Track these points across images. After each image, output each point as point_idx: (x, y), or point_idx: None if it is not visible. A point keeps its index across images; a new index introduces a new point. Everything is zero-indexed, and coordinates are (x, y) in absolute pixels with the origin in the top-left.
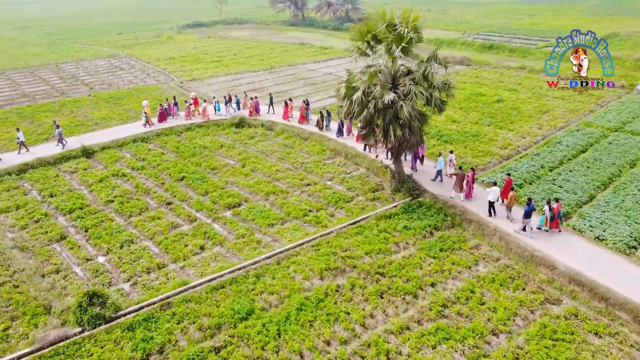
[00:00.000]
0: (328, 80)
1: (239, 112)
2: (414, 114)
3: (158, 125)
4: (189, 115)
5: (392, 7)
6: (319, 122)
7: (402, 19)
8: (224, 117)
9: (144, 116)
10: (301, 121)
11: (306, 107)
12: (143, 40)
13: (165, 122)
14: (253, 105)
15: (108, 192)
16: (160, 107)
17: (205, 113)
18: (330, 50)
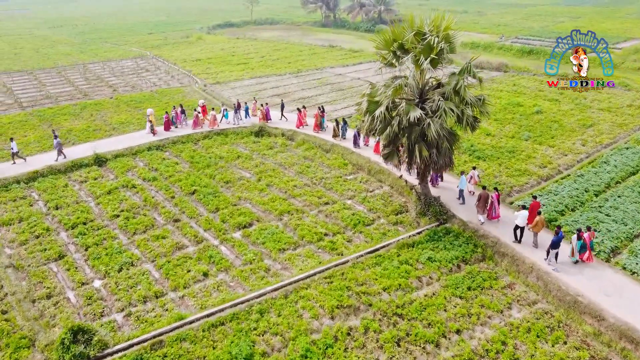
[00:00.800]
0: (355, 86)
1: (247, 120)
2: (443, 133)
3: (174, 133)
4: (197, 124)
5: (426, 9)
6: (335, 130)
7: (433, 27)
8: (233, 126)
9: (148, 125)
10: (316, 129)
11: (321, 115)
12: (172, 41)
13: (170, 131)
14: (263, 112)
15: (115, 205)
16: (166, 116)
17: (213, 122)
18: (360, 53)
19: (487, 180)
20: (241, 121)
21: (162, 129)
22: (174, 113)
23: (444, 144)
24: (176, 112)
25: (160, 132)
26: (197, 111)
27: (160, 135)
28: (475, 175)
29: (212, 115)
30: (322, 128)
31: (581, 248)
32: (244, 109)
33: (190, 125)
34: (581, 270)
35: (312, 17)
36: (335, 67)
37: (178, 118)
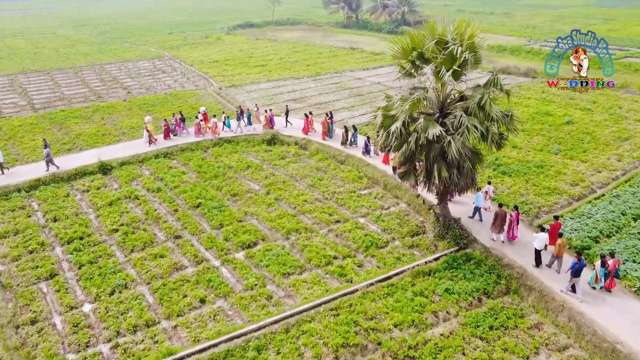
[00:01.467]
0: (375, 91)
1: (250, 127)
2: (465, 153)
3: (180, 140)
4: (199, 132)
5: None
6: (344, 137)
7: (456, 34)
8: (235, 135)
9: (145, 133)
10: (324, 136)
11: (329, 121)
12: (192, 41)
13: (170, 140)
14: (268, 118)
15: (115, 218)
16: (165, 123)
17: (215, 129)
18: (381, 56)
19: (513, 199)
20: (245, 129)
21: (161, 137)
22: (174, 121)
23: (466, 164)
24: (176, 119)
25: (160, 141)
26: (198, 119)
27: (162, 143)
28: (490, 191)
29: (213, 123)
30: (330, 135)
31: (604, 276)
32: (247, 116)
33: (191, 134)
34: (608, 301)
35: (334, 18)
36: (355, 71)
37: (178, 126)
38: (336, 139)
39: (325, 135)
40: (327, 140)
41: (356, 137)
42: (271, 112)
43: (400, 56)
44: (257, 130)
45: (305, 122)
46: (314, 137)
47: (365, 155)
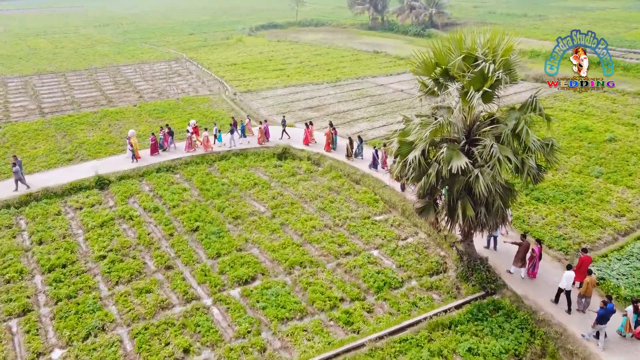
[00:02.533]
0: (398, 99)
1: (243, 140)
2: (496, 189)
3: (172, 155)
4: (190, 146)
5: (482, 12)
6: (348, 149)
7: (488, 48)
8: (230, 149)
9: (129, 149)
10: (327, 148)
11: (333, 132)
12: (212, 42)
13: (158, 155)
14: (262, 130)
15: (104, 242)
16: (153, 138)
17: (206, 143)
18: (406, 61)
19: (549, 231)
20: (238, 141)
21: (148, 153)
22: (162, 135)
23: (497, 201)
24: (164, 133)
25: (146, 157)
26: (189, 132)
27: (163, 156)
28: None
29: (204, 137)
30: (333, 146)
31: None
32: (240, 128)
33: (180, 148)
34: None
35: (359, 19)
36: (378, 77)
37: (166, 141)
38: (340, 151)
39: (330, 146)
40: (332, 153)
41: (362, 148)
42: (266, 124)
43: (421, 72)
44: (252, 143)
45: (306, 132)
46: (333, 155)
47: (372, 169)
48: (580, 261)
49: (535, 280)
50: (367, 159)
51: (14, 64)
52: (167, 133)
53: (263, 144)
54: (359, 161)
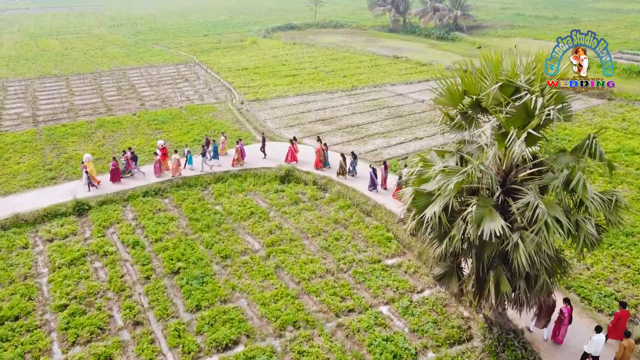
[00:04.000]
0: (417, 111)
1: (215, 162)
2: (541, 260)
3: (139, 182)
4: (160, 170)
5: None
6: (342, 166)
7: (534, 74)
8: (201, 172)
9: (85, 175)
10: (318, 166)
11: (324, 148)
12: (225, 44)
13: (119, 183)
14: (238, 150)
15: (69, 287)
16: (114, 163)
17: (177, 167)
18: (428, 67)
19: (595, 286)
20: (212, 165)
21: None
22: (124, 159)
23: (542, 275)
24: (126, 157)
25: (105, 184)
26: (157, 155)
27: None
28: None
29: (174, 160)
30: (325, 164)
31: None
32: (213, 148)
33: (149, 173)
34: None
35: (380, 21)
36: (397, 85)
37: (130, 165)
38: (332, 170)
39: (321, 164)
40: (324, 171)
41: (355, 165)
42: (241, 143)
43: (446, 102)
44: (225, 165)
45: (289, 150)
46: (327, 173)
47: (371, 190)
48: (617, 317)
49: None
50: (362, 176)
51: (19, 65)
52: (130, 158)
53: (237, 166)
54: (353, 179)
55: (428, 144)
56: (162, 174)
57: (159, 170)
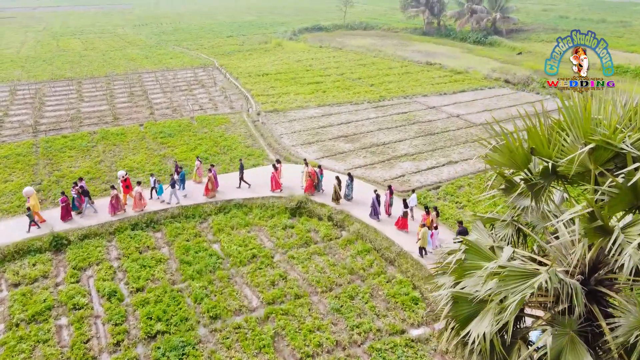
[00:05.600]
0: (452, 128)
1: (183, 192)
2: None
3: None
4: (117, 208)
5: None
6: (336, 191)
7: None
8: (170, 204)
9: (28, 210)
10: (309, 190)
11: (319, 171)
12: (248, 47)
13: (71, 220)
14: (211, 178)
15: (22, 354)
16: (64, 198)
17: (139, 201)
18: (464, 76)
19: None
20: (181, 196)
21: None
22: (75, 193)
23: None
24: (77, 191)
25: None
26: (114, 189)
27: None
28: None
29: (137, 193)
30: (318, 189)
31: None
32: (179, 177)
33: (102, 209)
34: None
35: (413, 23)
36: (429, 96)
37: (82, 200)
38: (327, 195)
39: (314, 189)
40: (316, 196)
41: (352, 189)
42: (214, 170)
43: (503, 160)
44: (194, 196)
45: (273, 175)
46: (347, 208)
47: (373, 218)
48: None
49: None
50: (359, 201)
51: (35, 67)
52: (80, 192)
53: (209, 196)
54: (350, 205)
55: (464, 169)
56: (120, 211)
57: (115, 207)
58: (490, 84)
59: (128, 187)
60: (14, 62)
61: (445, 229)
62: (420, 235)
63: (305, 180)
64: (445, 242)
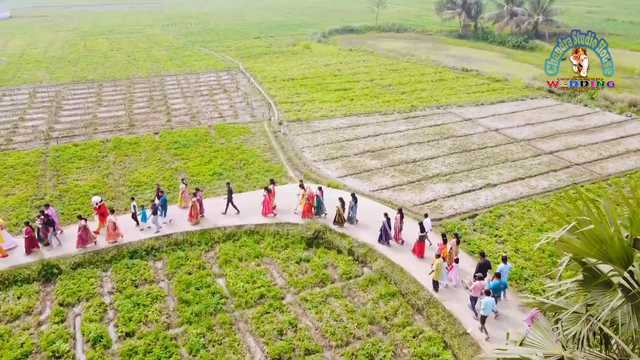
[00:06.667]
0: (490, 144)
1: (164, 219)
2: None
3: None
4: (85, 240)
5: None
6: (340, 214)
7: None
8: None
9: None
10: (307, 215)
11: (319, 193)
12: (276, 49)
13: (32, 255)
14: (195, 204)
15: None
16: (28, 230)
17: (112, 231)
18: (503, 84)
19: None
20: (163, 221)
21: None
22: (39, 223)
23: None
24: (42, 220)
25: (16, 255)
26: (82, 219)
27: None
28: None
29: (110, 223)
30: (318, 213)
31: None
32: (160, 203)
33: (69, 240)
34: None
35: (448, 26)
36: (465, 106)
37: (47, 231)
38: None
39: (312, 213)
40: (316, 218)
41: (356, 210)
42: (199, 194)
43: (587, 248)
44: (178, 223)
45: (265, 199)
46: (354, 232)
47: (383, 243)
48: None
49: None
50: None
51: (59, 68)
52: (44, 221)
53: (193, 223)
54: (354, 228)
55: (503, 194)
56: (89, 243)
57: (84, 240)
58: (532, 94)
59: (103, 215)
60: (39, 63)
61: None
62: (435, 266)
63: (301, 204)
64: (467, 278)
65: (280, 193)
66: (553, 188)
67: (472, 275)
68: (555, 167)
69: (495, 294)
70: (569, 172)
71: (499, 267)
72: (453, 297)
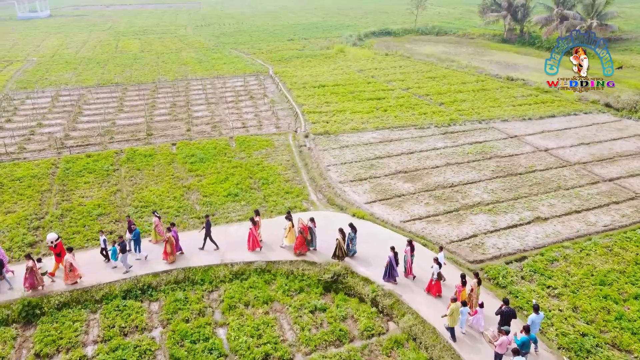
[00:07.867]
0: (539, 167)
1: (141, 255)
2: None
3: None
4: (33, 284)
5: None
6: (340, 247)
7: None
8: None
9: None
10: (300, 249)
11: (312, 224)
12: (308, 52)
13: None
14: (171, 240)
15: None
16: None
17: (69, 273)
18: (553, 96)
19: None
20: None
21: None
22: None
23: None
24: None
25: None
26: (30, 259)
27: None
28: None
29: (67, 263)
30: (311, 245)
31: None
32: (132, 237)
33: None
34: None
35: (491, 29)
36: (510, 121)
37: None
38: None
39: (306, 247)
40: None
41: (355, 243)
42: (174, 229)
43: None
44: (152, 262)
45: (251, 232)
46: (354, 266)
47: (388, 280)
48: None
49: None
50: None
51: (87, 70)
52: None
53: (170, 261)
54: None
55: (556, 231)
56: (39, 285)
57: (32, 284)
58: (587, 108)
59: (60, 255)
60: (68, 64)
61: None
62: (449, 311)
63: (287, 237)
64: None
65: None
66: (617, 225)
67: (496, 325)
68: (618, 199)
69: (524, 350)
70: (635, 205)
71: (530, 318)
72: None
